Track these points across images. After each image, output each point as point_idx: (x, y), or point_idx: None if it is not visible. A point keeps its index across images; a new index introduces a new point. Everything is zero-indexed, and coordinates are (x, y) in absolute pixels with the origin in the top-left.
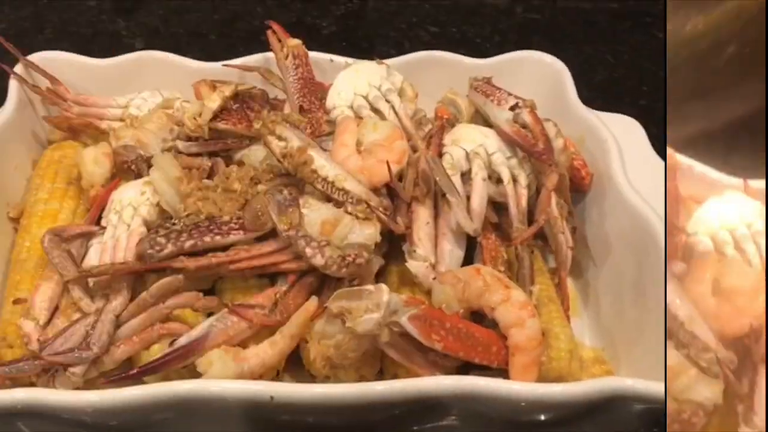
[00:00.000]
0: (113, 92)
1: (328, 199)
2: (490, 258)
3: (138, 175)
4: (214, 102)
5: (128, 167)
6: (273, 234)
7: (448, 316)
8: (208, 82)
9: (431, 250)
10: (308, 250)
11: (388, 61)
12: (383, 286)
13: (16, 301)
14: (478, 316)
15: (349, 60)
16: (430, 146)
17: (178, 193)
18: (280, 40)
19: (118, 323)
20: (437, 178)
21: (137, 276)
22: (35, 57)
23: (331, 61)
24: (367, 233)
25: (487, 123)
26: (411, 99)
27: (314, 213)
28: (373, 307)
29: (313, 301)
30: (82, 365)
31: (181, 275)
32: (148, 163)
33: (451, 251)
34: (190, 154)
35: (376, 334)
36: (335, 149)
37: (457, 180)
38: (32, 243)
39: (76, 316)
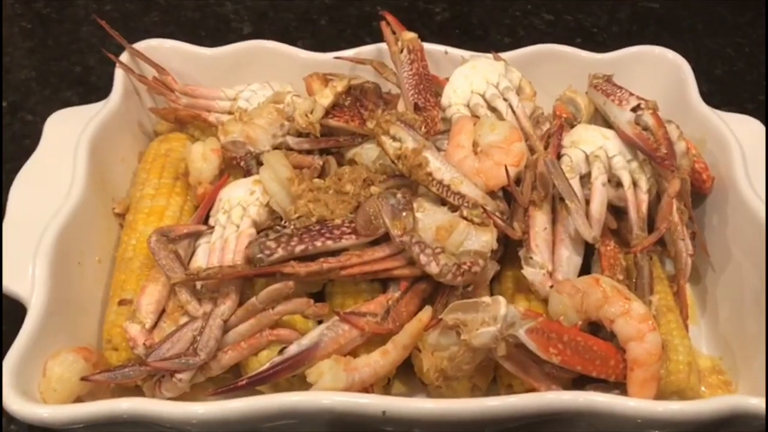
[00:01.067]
0: (221, 81)
1: (443, 202)
2: (608, 266)
3: (247, 172)
4: (326, 98)
5: (237, 163)
6: (386, 238)
7: (566, 328)
8: (320, 76)
9: (548, 257)
10: (422, 258)
11: (504, 55)
12: (500, 299)
13: (121, 302)
14: (595, 326)
15: (465, 53)
16: (549, 147)
17: (289, 194)
18: (394, 32)
19: (225, 328)
20: (556, 182)
21: (246, 279)
22: (142, 45)
23: (446, 53)
24: (484, 240)
25: (606, 122)
26: (529, 97)
27: (429, 218)
28: (489, 320)
29: (427, 311)
30: (189, 371)
31: (291, 281)
32: (258, 159)
33: (569, 258)
34: (301, 151)
35: (492, 347)
36: (451, 150)
37: (576, 183)
38: (138, 241)
39: (183, 319)
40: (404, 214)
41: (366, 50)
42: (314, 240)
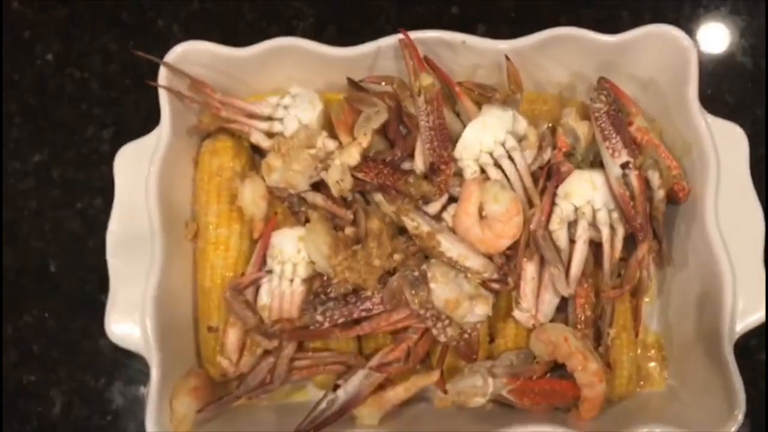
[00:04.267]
0: (250, 76)
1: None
2: (580, 305)
3: (292, 211)
4: (353, 159)
5: (283, 202)
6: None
7: (536, 382)
8: (348, 121)
9: (533, 303)
10: (434, 331)
11: (522, 40)
12: (490, 381)
13: (209, 329)
14: None
15: (481, 42)
16: (544, 198)
17: (329, 263)
18: (412, 60)
19: (290, 359)
20: (544, 253)
21: None
22: (175, 51)
23: (464, 42)
24: (482, 312)
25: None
26: (533, 144)
27: (440, 289)
28: (480, 395)
29: (436, 373)
30: (270, 393)
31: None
32: (299, 197)
33: (550, 301)
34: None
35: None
36: (459, 215)
37: (563, 233)
38: (212, 270)
39: (260, 351)
40: (420, 287)
41: (388, 42)
42: (352, 313)
